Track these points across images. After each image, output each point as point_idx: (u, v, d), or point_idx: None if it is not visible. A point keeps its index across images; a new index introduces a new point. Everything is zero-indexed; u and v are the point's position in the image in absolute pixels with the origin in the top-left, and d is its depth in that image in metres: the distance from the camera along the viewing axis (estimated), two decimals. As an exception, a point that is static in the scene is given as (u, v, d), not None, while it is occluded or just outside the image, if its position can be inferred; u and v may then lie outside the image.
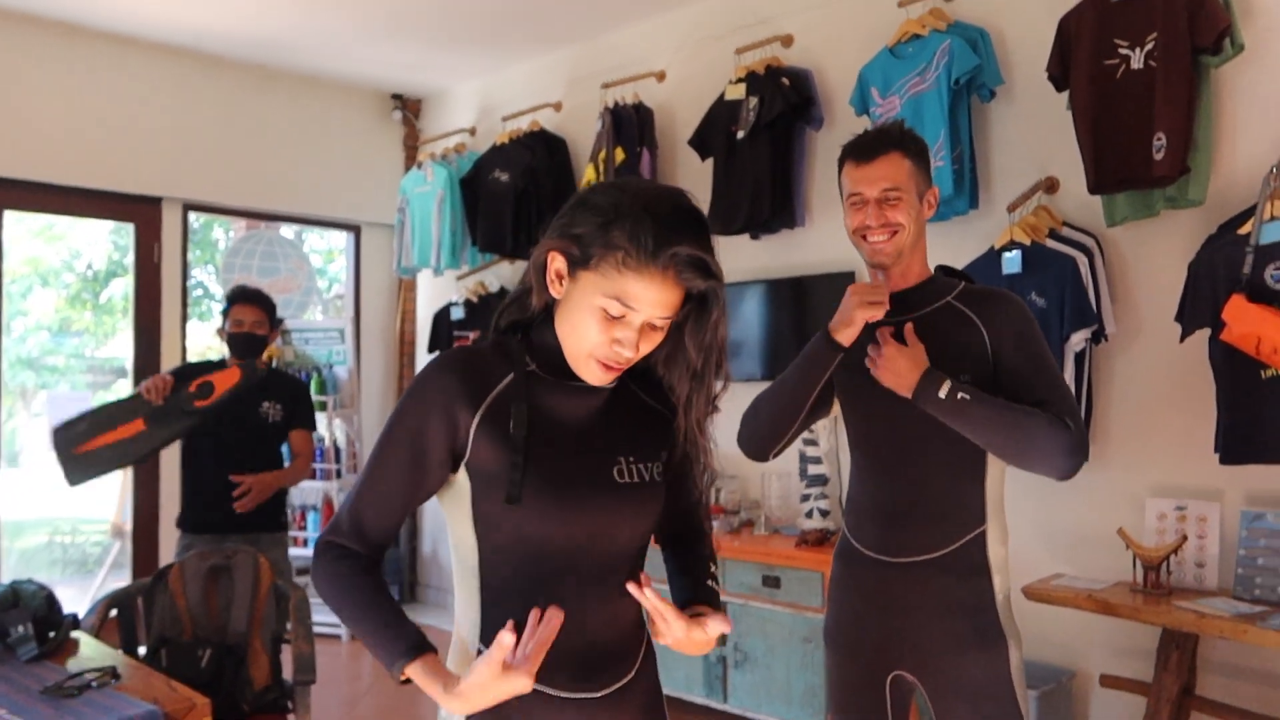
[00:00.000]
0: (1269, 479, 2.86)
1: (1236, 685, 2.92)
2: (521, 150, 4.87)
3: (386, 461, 1.26)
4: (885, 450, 1.85)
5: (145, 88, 4.94)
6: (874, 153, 1.82)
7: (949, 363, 1.77)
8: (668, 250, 1.17)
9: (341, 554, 1.28)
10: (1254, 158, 2.89)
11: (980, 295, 1.86)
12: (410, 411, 1.25)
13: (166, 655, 2.72)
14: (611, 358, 1.23)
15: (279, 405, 3.45)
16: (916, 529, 1.79)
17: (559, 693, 1.25)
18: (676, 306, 1.22)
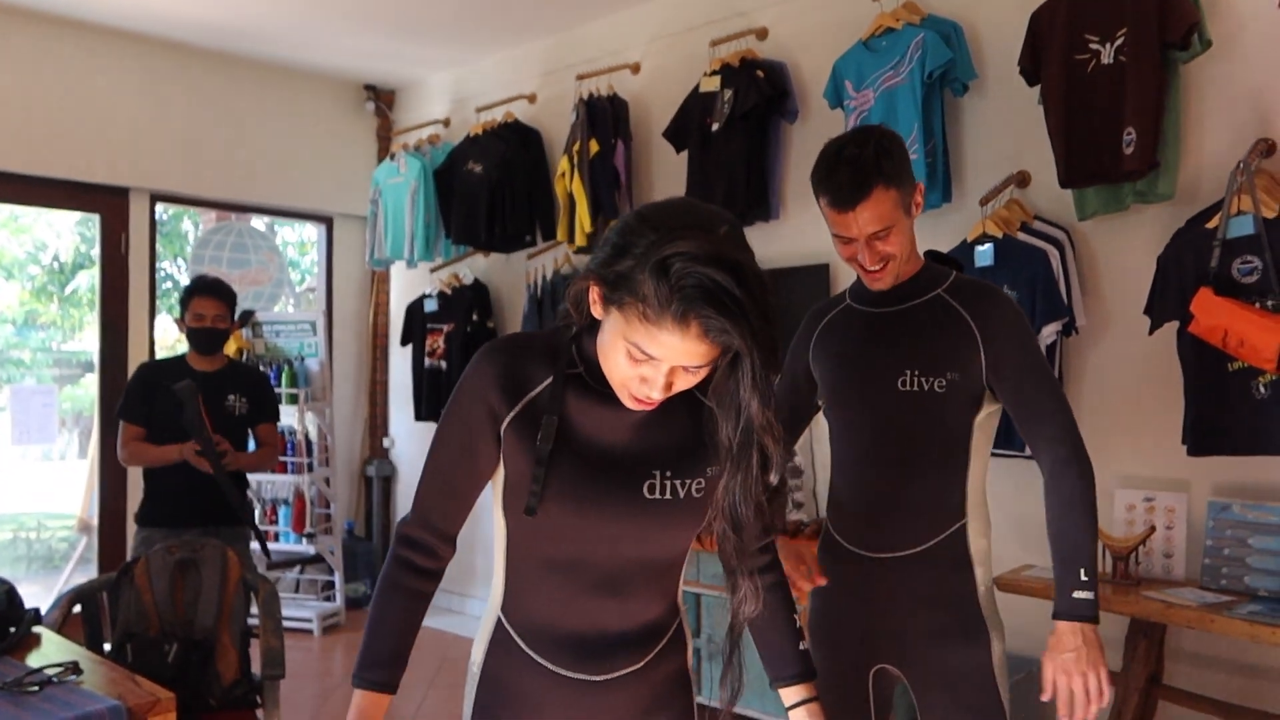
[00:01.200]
0: (1235, 470, 2.89)
1: (1203, 674, 2.96)
2: (495, 142, 4.84)
3: (440, 449, 1.31)
4: (868, 445, 1.83)
5: (112, 76, 4.86)
6: (855, 199, 1.69)
7: (938, 360, 1.74)
8: (686, 311, 1.09)
9: (411, 559, 1.32)
10: (1221, 152, 2.92)
11: (972, 290, 1.81)
12: (459, 398, 1.29)
13: (132, 650, 2.68)
14: (640, 393, 1.19)
15: (244, 399, 3.43)
16: (899, 523, 1.78)
17: (561, 670, 1.28)
18: (709, 357, 1.14)
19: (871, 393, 1.79)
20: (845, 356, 1.84)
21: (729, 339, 1.11)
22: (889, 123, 3.45)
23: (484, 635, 1.35)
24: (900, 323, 1.80)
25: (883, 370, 1.79)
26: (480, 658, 1.34)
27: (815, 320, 1.96)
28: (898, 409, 1.76)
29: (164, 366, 3.49)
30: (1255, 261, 2.70)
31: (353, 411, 5.96)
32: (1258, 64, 2.90)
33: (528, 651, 1.29)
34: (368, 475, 5.90)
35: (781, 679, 1.40)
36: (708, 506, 1.29)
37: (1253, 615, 2.49)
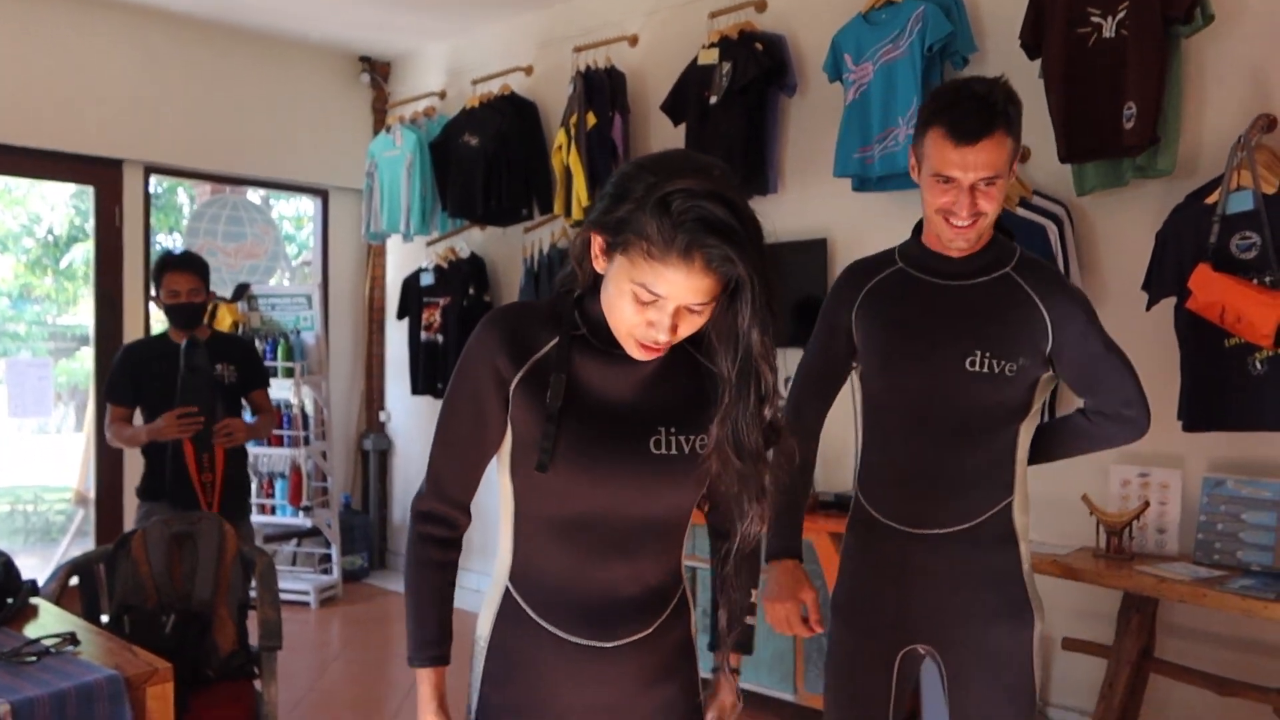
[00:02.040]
0: (1230, 446, 2.90)
1: (1195, 648, 2.98)
2: (492, 114, 4.81)
3: (450, 419, 1.32)
4: (921, 417, 1.73)
5: (105, 47, 4.81)
6: (979, 135, 1.60)
7: (1011, 344, 1.68)
8: (685, 238, 1.13)
9: (431, 533, 1.34)
10: (1221, 128, 2.90)
11: (1040, 272, 1.75)
12: (465, 367, 1.30)
13: (129, 622, 2.69)
14: (647, 338, 1.22)
15: (232, 367, 3.43)
16: (948, 500, 1.72)
17: (570, 637, 1.29)
18: (712, 292, 1.18)
19: (932, 367, 1.71)
20: (902, 325, 1.75)
21: (732, 268, 1.15)
22: (888, 96, 3.43)
23: (490, 606, 1.35)
24: (969, 299, 1.72)
25: (949, 346, 1.70)
26: (488, 630, 1.35)
27: (860, 278, 1.84)
28: (961, 387, 1.69)
29: (148, 345, 3.47)
30: (1254, 238, 2.69)
31: (349, 385, 5.95)
32: (1259, 39, 2.88)
33: (537, 620, 1.30)
34: (364, 449, 5.90)
35: (718, 644, 1.43)
36: (709, 463, 1.29)
37: (1245, 590, 2.50)
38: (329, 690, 3.94)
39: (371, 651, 4.48)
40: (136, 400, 3.38)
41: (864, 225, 3.74)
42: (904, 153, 3.38)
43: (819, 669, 3.35)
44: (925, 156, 1.68)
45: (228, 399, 3.41)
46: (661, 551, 1.33)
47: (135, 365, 3.37)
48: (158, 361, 3.35)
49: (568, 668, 1.30)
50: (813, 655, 3.36)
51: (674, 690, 1.37)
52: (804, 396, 1.87)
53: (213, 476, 3.27)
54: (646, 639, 1.32)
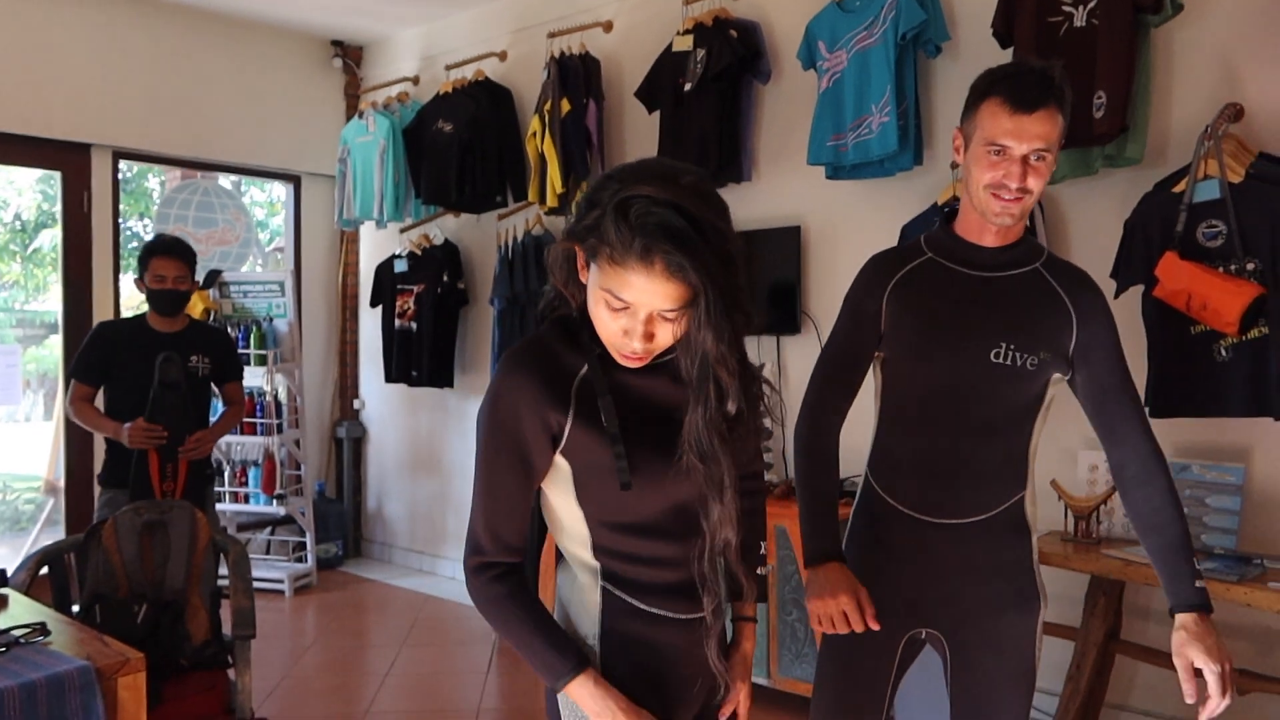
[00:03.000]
0: (1195, 431, 2.95)
1: (1159, 629, 3.03)
2: (466, 100, 4.78)
3: (496, 471, 1.31)
4: (944, 408, 1.74)
5: (72, 29, 4.73)
6: (1037, 104, 1.60)
7: (1035, 338, 1.71)
8: (646, 248, 1.16)
9: (493, 576, 1.34)
10: (1189, 117, 2.94)
11: (1067, 272, 1.78)
12: (501, 419, 1.29)
13: (101, 612, 2.67)
14: (625, 348, 1.24)
15: (207, 359, 3.42)
16: (969, 490, 1.74)
17: (675, 614, 1.37)
18: (679, 298, 1.19)
19: (960, 358, 1.72)
20: (933, 315, 1.74)
21: (687, 275, 1.17)
22: (862, 84, 3.45)
23: (591, 609, 1.38)
24: (999, 292, 1.74)
25: (977, 338, 1.72)
26: (595, 629, 1.37)
27: (890, 266, 1.81)
28: (985, 378, 1.71)
29: (123, 327, 3.45)
30: (1220, 226, 2.73)
31: (322, 373, 5.92)
32: (1227, 28, 2.92)
33: (642, 607, 1.36)
34: (338, 437, 5.88)
35: (734, 595, 1.48)
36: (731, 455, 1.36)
37: (1209, 572, 2.55)
38: (303, 678, 3.93)
39: (347, 639, 4.48)
40: (103, 381, 3.35)
41: (837, 213, 3.76)
42: (878, 140, 3.40)
43: (792, 654, 3.38)
44: (978, 127, 1.67)
45: (199, 390, 3.38)
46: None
47: (107, 346, 3.34)
48: (130, 345, 3.32)
49: (675, 640, 1.38)
50: (786, 640, 3.39)
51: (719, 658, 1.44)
52: (828, 387, 1.83)
53: (174, 485, 3.26)
54: (719, 606, 1.39)
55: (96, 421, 3.33)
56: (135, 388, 3.23)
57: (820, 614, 1.68)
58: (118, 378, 3.32)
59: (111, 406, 3.36)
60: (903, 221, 3.40)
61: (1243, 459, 2.87)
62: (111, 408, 3.36)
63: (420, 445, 5.55)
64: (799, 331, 3.84)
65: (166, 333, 3.36)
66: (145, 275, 3.32)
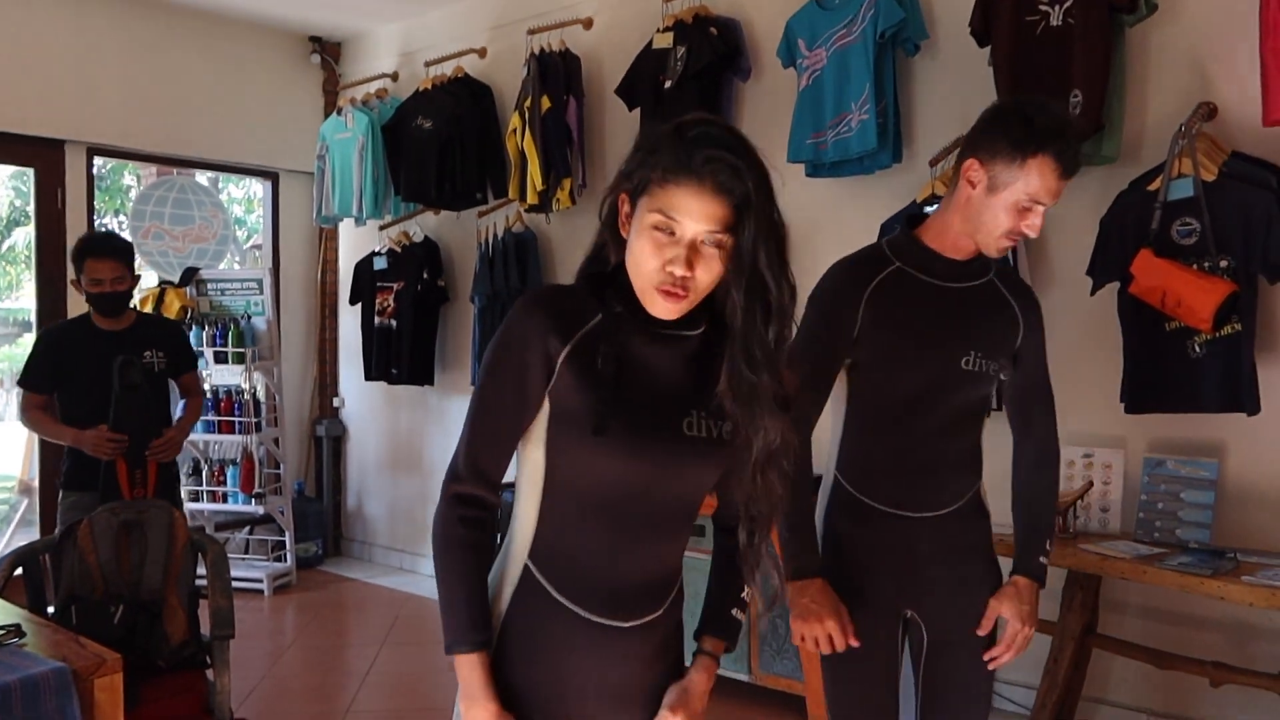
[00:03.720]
0: (1170, 427, 2.98)
1: (1135, 623, 3.07)
2: (445, 97, 4.76)
3: (492, 398, 1.31)
4: (913, 412, 1.83)
5: (44, 23, 4.67)
6: (1077, 168, 1.76)
7: (988, 342, 1.82)
8: (699, 155, 1.20)
9: (463, 517, 1.31)
10: (1164, 116, 2.97)
11: (1013, 279, 1.95)
12: (509, 346, 1.29)
13: (77, 613, 2.64)
14: (666, 281, 1.23)
15: (161, 353, 3.33)
16: (942, 485, 1.85)
17: (592, 616, 1.31)
18: (723, 220, 1.22)
19: (934, 366, 1.81)
20: (907, 325, 1.81)
21: (739, 184, 1.20)
22: (841, 82, 3.46)
23: (507, 586, 1.34)
24: (965, 302, 1.83)
25: (950, 347, 1.80)
26: (503, 608, 1.34)
27: (864, 275, 1.85)
28: (955, 385, 1.81)
29: (70, 330, 3.33)
30: (1194, 224, 2.76)
31: (301, 371, 5.88)
32: (1201, 28, 2.95)
33: (559, 598, 1.31)
34: (317, 435, 5.84)
35: (706, 625, 1.46)
36: (731, 453, 1.33)
37: (1183, 566, 2.58)
38: (283, 679, 3.91)
39: (326, 639, 4.46)
40: (55, 387, 3.25)
41: (817, 211, 3.77)
42: (857, 138, 3.41)
43: (774, 650, 3.39)
44: (1020, 179, 1.71)
45: (158, 385, 3.31)
46: (681, 534, 1.38)
47: (56, 352, 3.23)
48: (80, 349, 3.22)
49: (586, 647, 1.31)
50: (767, 637, 3.41)
51: (666, 670, 1.40)
52: (802, 396, 1.76)
53: (144, 490, 3.20)
54: (656, 620, 1.36)
55: (53, 429, 3.25)
56: (90, 392, 3.14)
57: (805, 635, 1.79)
58: (71, 383, 3.21)
59: (67, 412, 3.25)
60: (882, 219, 3.42)
61: (1216, 454, 2.90)
62: (67, 413, 3.25)
63: (400, 443, 5.53)
64: (779, 329, 3.85)
65: (115, 331, 3.26)
66: (81, 278, 3.19)
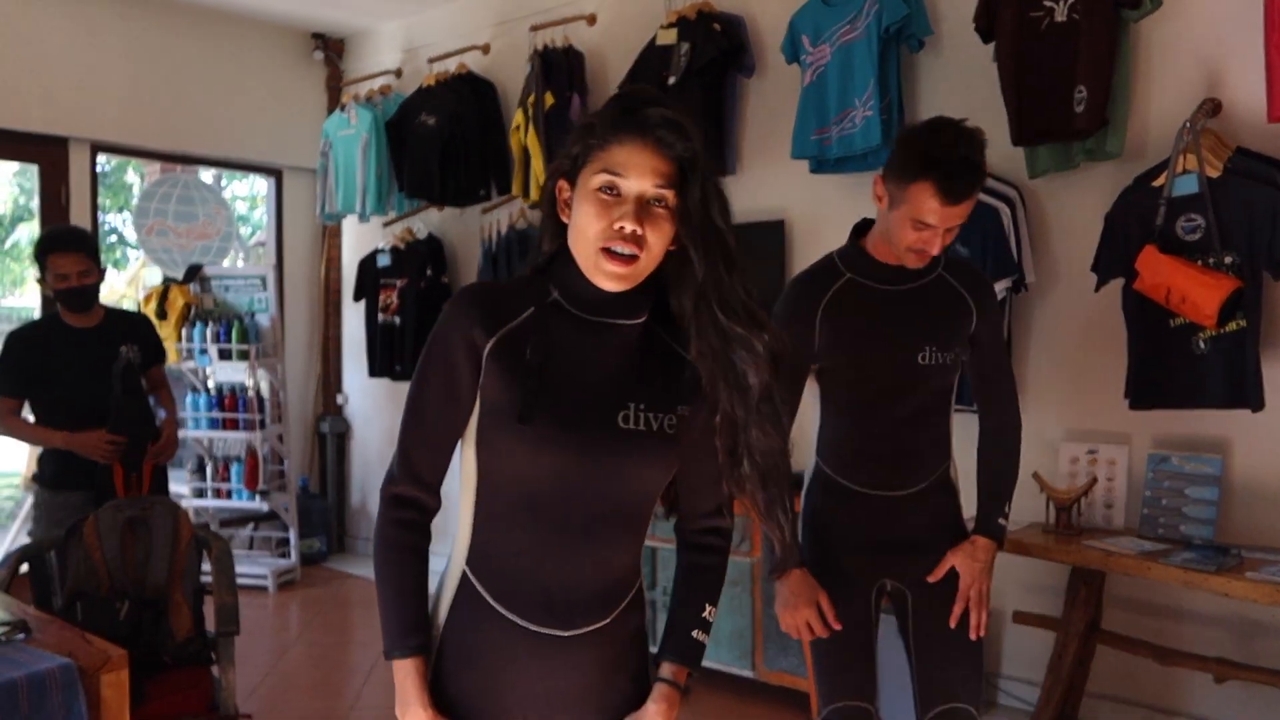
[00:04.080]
0: (1174, 423, 2.98)
1: (1139, 619, 3.07)
2: (449, 94, 4.76)
3: (422, 399, 1.29)
4: (887, 405, 2.00)
5: (47, 20, 4.68)
6: (964, 196, 1.81)
7: (942, 335, 1.96)
8: (639, 112, 1.21)
9: (401, 519, 1.31)
10: (1169, 112, 2.96)
11: (968, 270, 2.05)
12: (437, 345, 1.28)
13: (82, 609, 2.65)
14: (616, 239, 1.21)
15: (136, 346, 3.23)
16: (911, 466, 2.02)
17: (530, 625, 1.27)
18: (668, 176, 1.21)
19: (894, 364, 1.97)
20: (864, 331, 1.97)
21: (685, 141, 1.21)
22: (845, 78, 3.46)
23: (446, 593, 1.32)
24: (915, 301, 1.98)
25: (905, 346, 1.96)
26: (442, 616, 1.32)
27: (818, 290, 2.01)
28: (915, 378, 1.98)
29: (39, 330, 3.26)
30: (1199, 220, 2.75)
31: (305, 368, 5.89)
32: (1206, 24, 2.94)
33: (496, 606, 1.28)
34: (321, 432, 5.85)
35: (664, 652, 1.40)
36: (679, 449, 1.29)
37: (1187, 563, 2.58)
38: (287, 674, 3.92)
39: (331, 635, 4.46)
40: (26, 392, 3.14)
41: (821, 207, 3.77)
42: (861, 134, 3.41)
43: (778, 646, 3.40)
44: (906, 201, 1.84)
45: (132, 379, 3.22)
46: (625, 540, 1.32)
47: (26, 354, 3.13)
48: (52, 349, 3.13)
49: (525, 657, 1.27)
50: (771, 633, 3.41)
51: (627, 682, 1.35)
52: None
53: (139, 491, 3.17)
54: (604, 629, 1.30)
55: (34, 434, 3.14)
56: (68, 393, 3.08)
57: (788, 625, 1.99)
58: (45, 385, 3.12)
59: (45, 414, 3.16)
60: (886, 215, 3.42)
61: (1221, 450, 2.90)
62: (45, 416, 3.16)
63: (404, 440, 5.52)
64: (783, 325, 3.85)
65: (87, 328, 3.17)
66: (46, 275, 3.10)
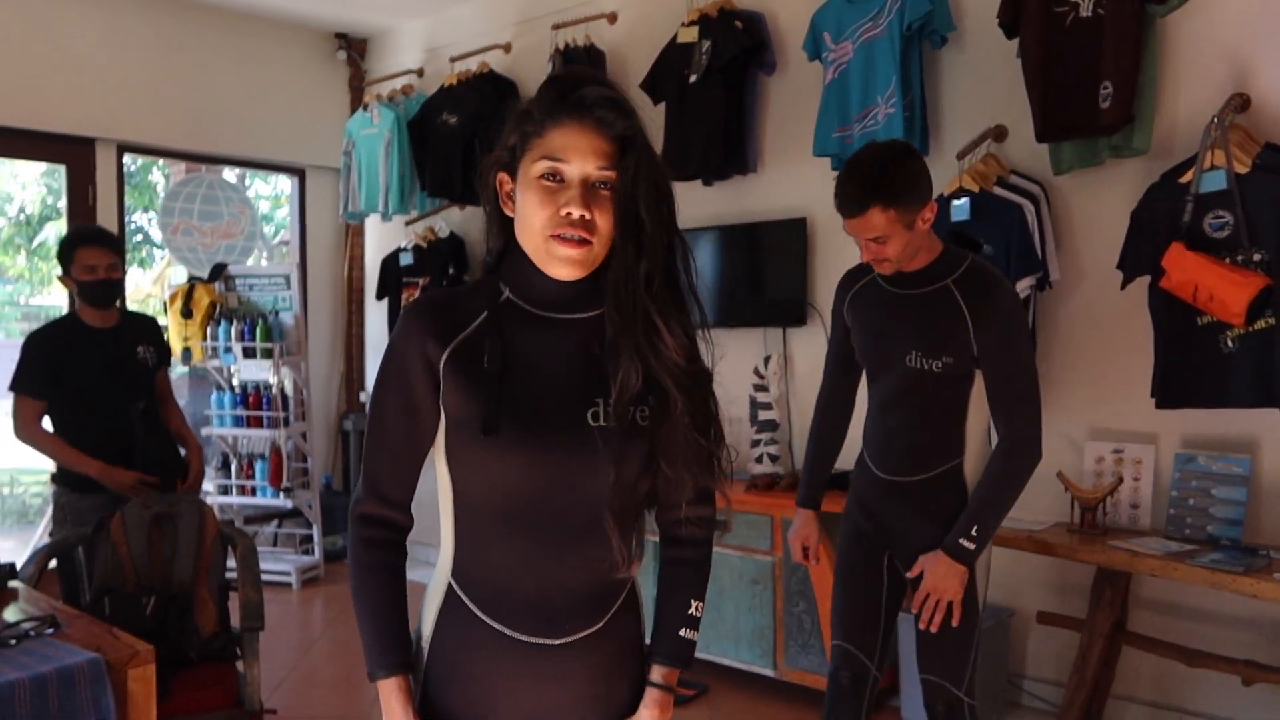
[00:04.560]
0: (1202, 422, 2.95)
1: (1165, 620, 3.04)
2: (470, 93, 4.78)
3: (381, 415, 1.26)
4: (887, 399, 2.22)
5: (76, 23, 4.73)
6: (857, 209, 2.05)
7: (928, 342, 2.10)
8: (575, 93, 1.20)
9: (371, 539, 1.29)
10: (1196, 107, 2.92)
11: (978, 282, 2.10)
12: (391, 359, 1.25)
13: (110, 605, 2.68)
14: (563, 225, 1.18)
15: (151, 347, 3.24)
16: (906, 458, 2.21)
17: (518, 635, 1.24)
18: (610, 156, 1.19)
19: (886, 362, 2.19)
20: (869, 327, 2.24)
21: (623, 119, 1.19)
22: (868, 75, 3.44)
23: (432, 605, 1.29)
24: (911, 307, 2.14)
25: (894, 346, 2.16)
26: (429, 630, 1.29)
27: (849, 284, 2.32)
28: (905, 378, 2.16)
29: (59, 331, 3.23)
30: (1227, 216, 2.72)
31: (329, 366, 5.92)
32: (1234, 18, 2.90)
33: (483, 617, 1.24)
34: (344, 429, 5.89)
35: (653, 655, 1.36)
36: (653, 439, 1.23)
37: (1214, 563, 2.55)
38: (311, 670, 3.95)
39: (354, 631, 4.44)
40: (51, 393, 3.10)
41: (843, 204, 3.75)
42: (884, 132, 3.39)
43: (799, 645, 3.39)
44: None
45: (146, 382, 3.23)
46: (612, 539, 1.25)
47: (50, 354, 3.11)
48: (73, 349, 3.11)
49: (515, 667, 1.24)
50: (793, 632, 3.40)
51: (624, 690, 1.32)
52: (827, 378, 2.45)
53: None
54: (597, 634, 1.27)
55: (65, 454, 3.07)
56: (87, 395, 3.07)
57: (790, 542, 2.44)
58: (65, 387, 3.09)
59: (62, 420, 3.13)
60: (908, 213, 3.40)
61: (1249, 450, 2.87)
62: (62, 421, 3.13)
63: (426, 438, 5.55)
64: (805, 323, 3.84)
65: (106, 328, 3.15)
66: (72, 268, 3.10)
